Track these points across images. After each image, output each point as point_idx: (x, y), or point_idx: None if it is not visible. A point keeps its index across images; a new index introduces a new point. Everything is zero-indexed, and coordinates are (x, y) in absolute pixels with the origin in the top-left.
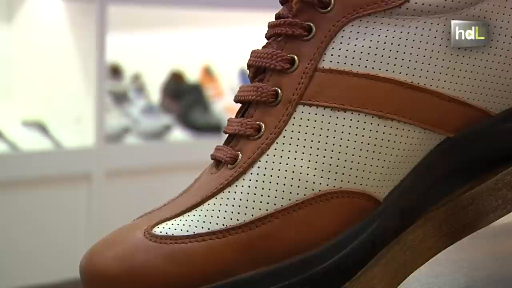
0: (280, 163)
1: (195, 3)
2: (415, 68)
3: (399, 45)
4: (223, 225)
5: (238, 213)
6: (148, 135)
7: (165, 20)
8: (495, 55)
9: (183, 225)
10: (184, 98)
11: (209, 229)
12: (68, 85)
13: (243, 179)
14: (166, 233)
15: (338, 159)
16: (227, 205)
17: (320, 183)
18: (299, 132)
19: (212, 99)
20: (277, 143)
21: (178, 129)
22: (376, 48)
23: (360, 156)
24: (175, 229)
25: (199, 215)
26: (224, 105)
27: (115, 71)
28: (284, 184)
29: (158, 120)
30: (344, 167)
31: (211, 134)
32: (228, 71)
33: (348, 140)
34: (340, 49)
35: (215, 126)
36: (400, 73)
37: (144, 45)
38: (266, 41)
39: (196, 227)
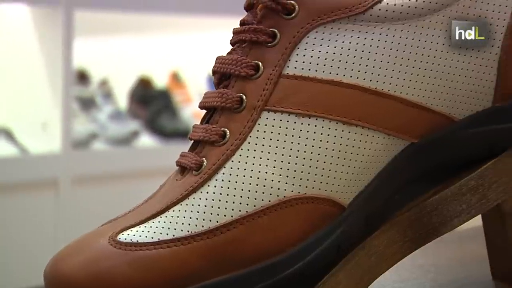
0: (245, 169)
1: (162, 9)
2: (379, 74)
3: (363, 51)
4: (188, 231)
5: (203, 220)
6: (115, 141)
7: (133, 26)
8: (458, 61)
9: (148, 231)
10: (152, 104)
11: (174, 235)
12: (34, 90)
13: (208, 186)
14: (131, 240)
15: (303, 165)
16: (192, 211)
17: (285, 189)
18: (263, 138)
19: (180, 105)
20: (242, 149)
21: (146, 135)
22: (340, 54)
23: (324, 162)
24: (140, 236)
25: (164, 222)
26: (192, 111)
27: (82, 77)
28: (249, 190)
29: (126, 126)
30: (308, 173)
31: (180, 140)
32: (196, 76)
33: (313, 146)
34: (304, 56)
35: (183, 132)
36: (364, 79)
37: (111, 50)
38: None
39: (161, 233)
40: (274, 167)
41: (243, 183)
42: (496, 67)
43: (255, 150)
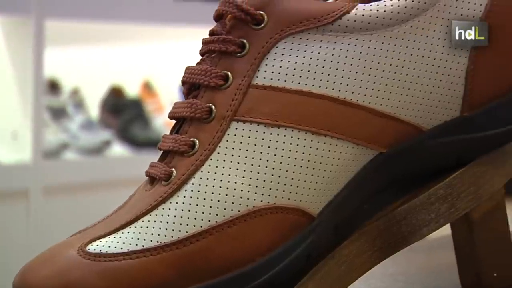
0: (214, 179)
1: (134, 18)
2: (347, 85)
3: (331, 61)
4: (158, 242)
5: (173, 230)
6: (87, 151)
7: (104, 35)
8: (426, 71)
9: (117, 242)
10: (123, 113)
11: (143, 246)
12: (5, 100)
13: (177, 196)
14: (100, 250)
15: (272, 175)
16: (161, 222)
17: (254, 199)
18: (233, 148)
19: (153, 114)
20: (211, 159)
21: (118, 144)
22: (309, 64)
23: (294, 172)
24: (109, 247)
25: (133, 232)
26: (164, 120)
27: (53, 86)
28: (218, 201)
29: (97, 136)
30: (278, 183)
31: (152, 149)
32: (168, 85)
33: (282, 156)
34: (273, 66)
35: (155, 141)
36: (332, 89)
37: (83, 60)
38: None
39: (130, 244)
40: (243, 177)
41: (212, 193)
42: (463, 77)
43: (224, 160)
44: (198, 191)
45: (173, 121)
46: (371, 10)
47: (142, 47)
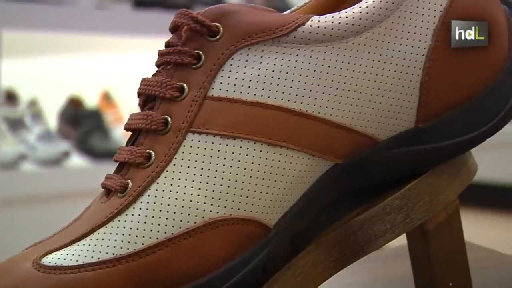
0: (170, 191)
1: (92, 29)
2: (303, 96)
3: (287, 73)
4: (113, 254)
5: (128, 242)
6: (45, 162)
7: (63, 46)
8: (381, 82)
9: (73, 255)
10: (82, 124)
11: (99, 258)
12: None
13: (133, 208)
14: (55, 263)
15: (228, 186)
16: (117, 234)
17: (211, 211)
18: (189, 160)
19: (112, 125)
20: (167, 171)
21: (77, 155)
22: (265, 76)
23: (250, 184)
24: (64, 259)
25: (89, 245)
26: (124, 131)
27: (10, 97)
28: (174, 212)
29: (56, 147)
30: (234, 194)
31: (112, 160)
32: (128, 96)
33: (238, 167)
34: (229, 77)
35: (115, 152)
36: (288, 100)
37: (40, 70)
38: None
39: (85, 256)
40: (199, 189)
41: (168, 205)
42: (418, 88)
43: (180, 172)
44: (154, 203)
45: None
46: (326, 22)
47: (101, 57)
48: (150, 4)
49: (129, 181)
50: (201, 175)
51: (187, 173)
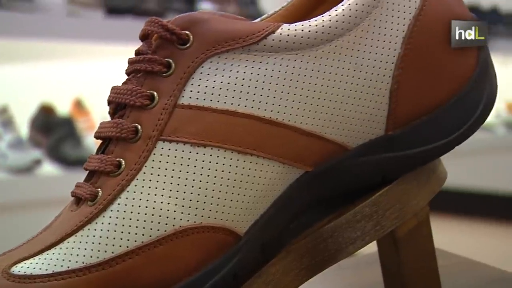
0: (140, 199)
1: (64, 35)
2: (273, 104)
3: (257, 81)
4: (83, 263)
5: (98, 251)
6: (16, 170)
7: (34, 52)
8: (350, 90)
9: (42, 264)
10: (54, 131)
11: (68, 267)
12: None
13: (103, 216)
14: (25, 272)
15: (199, 194)
16: (87, 242)
17: (181, 219)
18: (159, 168)
19: (84, 132)
20: (137, 179)
21: (49, 163)
22: (235, 84)
23: (220, 192)
24: (34, 268)
25: (59, 254)
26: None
27: None
28: (145, 220)
29: (27, 155)
30: (204, 202)
31: None
32: (100, 103)
33: (208, 175)
34: (199, 85)
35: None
36: (258, 108)
37: (11, 77)
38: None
39: (55, 265)
40: (169, 197)
41: (138, 213)
42: (387, 96)
43: (150, 180)
44: (124, 211)
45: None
46: (295, 30)
47: (73, 64)
48: (122, 12)
49: (99, 189)
50: (171, 183)
51: (157, 181)
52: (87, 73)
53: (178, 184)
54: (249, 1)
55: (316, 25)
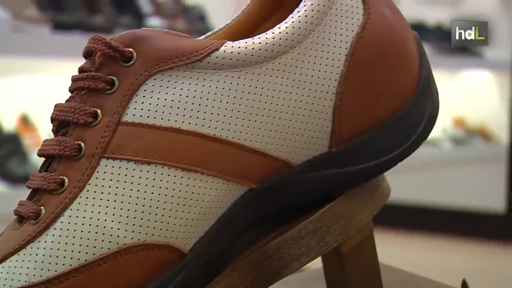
0: (84, 217)
1: (11, 51)
2: (217, 121)
3: (201, 98)
4: (26, 281)
5: (41, 269)
6: None
7: None
8: (294, 107)
9: None
10: (0, 148)
11: (11, 286)
12: None
13: (46, 235)
14: None
15: (142, 212)
16: (29, 261)
17: (125, 237)
18: (103, 186)
19: (31, 149)
20: (80, 197)
21: None
22: (179, 101)
23: (164, 209)
24: None
25: (1, 273)
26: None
27: None
28: (88, 239)
29: None
30: (148, 220)
31: None
32: (47, 120)
33: (152, 193)
34: (143, 103)
35: None
36: (202, 125)
37: None
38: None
39: None
40: (113, 214)
41: (82, 231)
42: (331, 113)
43: (94, 198)
44: (67, 230)
45: None
46: (239, 47)
47: (20, 80)
48: (69, 27)
49: (42, 207)
50: (115, 201)
51: (101, 199)
52: (34, 88)
53: (122, 202)
54: (198, 17)
55: (260, 43)
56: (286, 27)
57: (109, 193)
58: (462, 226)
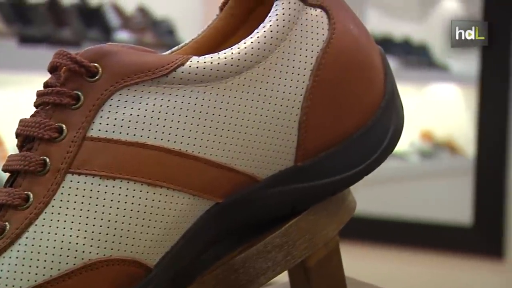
0: (49, 232)
1: None
2: (183, 136)
3: (166, 113)
4: None
5: (6, 285)
6: None
7: None
8: (260, 122)
9: None
10: None
11: None
12: None
13: (11, 250)
14: None
15: (108, 227)
16: None
17: (90, 252)
18: (68, 201)
19: None
20: (45, 212)
21: None
22: (144, 116)
23: (130, 224)
24: None
25: None
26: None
27: None
28: (53, 254)
29: None
30: (114, 235)
31: None
32: (12, 134)
33: (118, 208)
34: (108, 118)
35: None
36: (168, 140)
37: None
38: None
39: None
40: (78, 230)
41: (47, 247)
42: (296, 127)
43: (59, 214)
44: (32, 245)
45: None
46: (205, 62)
47: None
48: (37, 40)
49: (7, 223)
50: (80, 216)
51: (66, 215)
52: (0, 102)
53: (87, 217)
54: (167, 31)
55: (225, 58)
56: (252, 42)
57: (74, 209)
58: (429, 239)
